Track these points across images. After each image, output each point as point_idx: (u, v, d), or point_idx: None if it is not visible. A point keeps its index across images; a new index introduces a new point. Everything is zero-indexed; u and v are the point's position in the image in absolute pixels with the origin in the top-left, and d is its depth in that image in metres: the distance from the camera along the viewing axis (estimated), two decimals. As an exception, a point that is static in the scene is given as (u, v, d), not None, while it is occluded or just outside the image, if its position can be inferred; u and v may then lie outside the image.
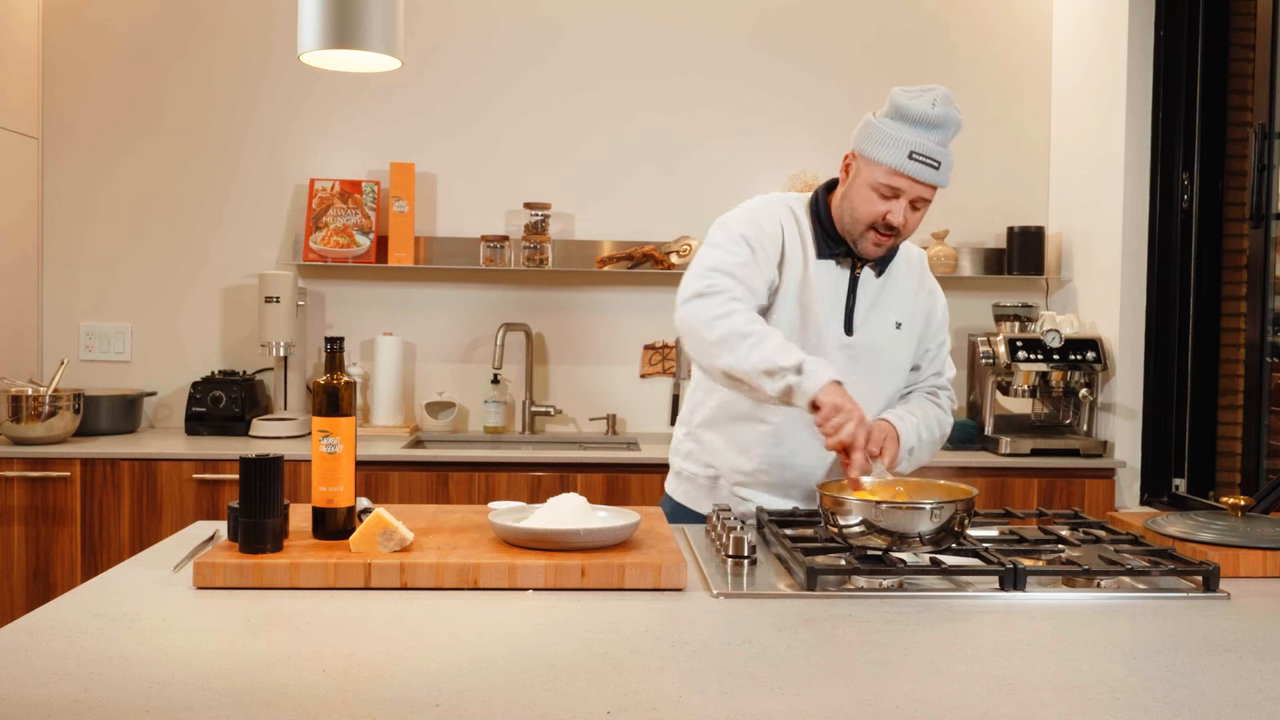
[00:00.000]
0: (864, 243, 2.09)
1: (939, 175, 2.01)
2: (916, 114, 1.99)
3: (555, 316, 3.93)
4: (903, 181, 2.01)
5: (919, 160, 1.99)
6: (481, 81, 3.89)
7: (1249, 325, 3.24)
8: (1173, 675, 1.29)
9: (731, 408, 2.18)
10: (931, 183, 2.02)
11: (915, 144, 1.99)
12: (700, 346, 2.02)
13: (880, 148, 2.01)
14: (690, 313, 2.03)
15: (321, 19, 2.17)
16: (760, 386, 1.95)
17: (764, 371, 1.93)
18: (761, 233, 2.11)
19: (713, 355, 1.99)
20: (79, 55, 3.83)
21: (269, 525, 1.64)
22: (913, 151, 1.99)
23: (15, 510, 3.27)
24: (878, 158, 2.02)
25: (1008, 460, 3.47)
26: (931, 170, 2.00)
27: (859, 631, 1.44)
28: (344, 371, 1.76)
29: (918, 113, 1.99)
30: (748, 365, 1.94)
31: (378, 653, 1.32)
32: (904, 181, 2.01)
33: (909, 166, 1.99)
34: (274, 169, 3.87)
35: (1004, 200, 3.97)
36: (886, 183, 2.02)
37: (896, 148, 1.99)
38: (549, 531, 1.68)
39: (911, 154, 1.99)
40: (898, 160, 2.00)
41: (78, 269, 3.85)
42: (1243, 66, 3.30)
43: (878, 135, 2.02)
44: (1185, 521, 1.92)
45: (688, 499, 2.28)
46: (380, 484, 3.30)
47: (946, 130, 2.01)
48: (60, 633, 1.37)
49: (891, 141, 2.00)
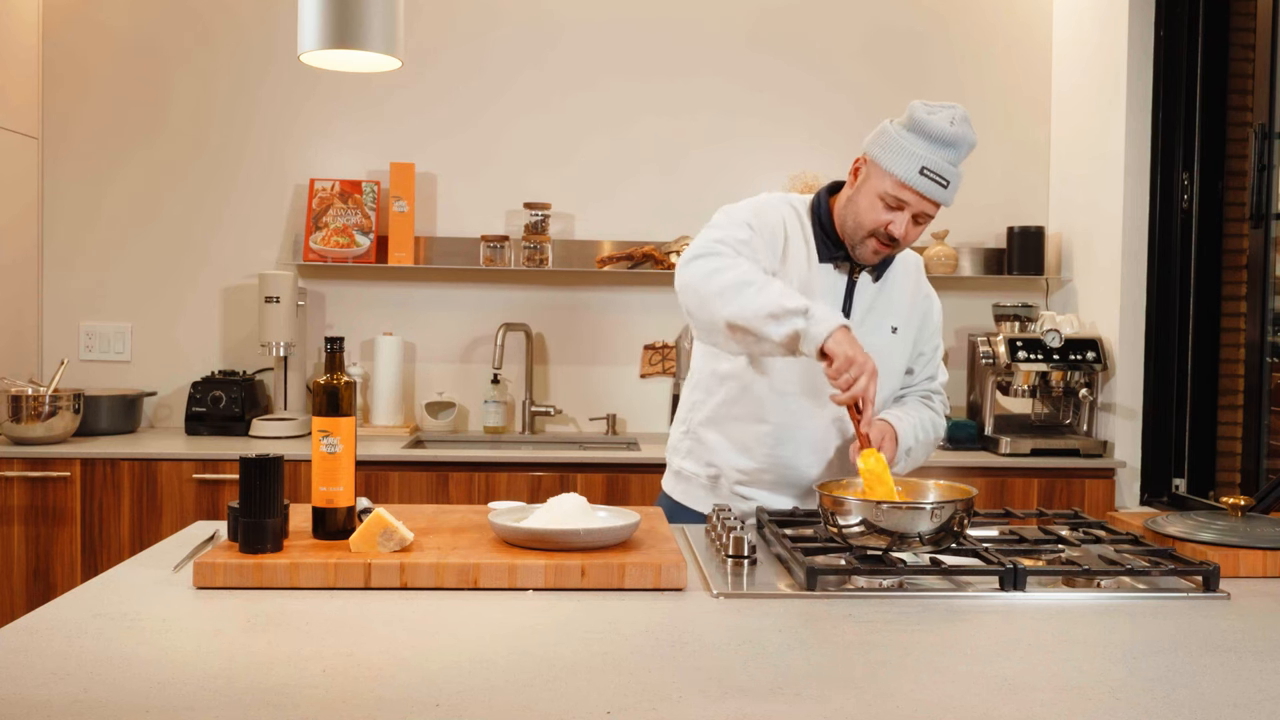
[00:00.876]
0: (863, 249, 2.10)
1: (946, 194, 2.01)
2: (934, 130, 1.98)
3: (555, 316, 3.93)
4: (910, 195, 2.01)
5: (929, 176, 1.99)
6: (481, 82, 3.89)
7: (1249, 325, 3.24)
8: (1173, 675, 1.29)
9: (732, 407, 2.18)
10: (938, 200, 2.02)
11: (928, 160, 1.98)
12: (702, 301, 1.97)
13: (893, 158, 2.01)
14: (690, 270, 2.00)
15: (321, 19, 2.17)
16: (765, 333, 1.89)
17: (769, 315, 1.88)
18: (765, 224, 2.11)
19: (714, 307, 1.95)
20: (79, 55, 3.83)
21: (269, 525, 1.64)
22: (924, 167, 1.98)
23: (15, 510, 3.27)
24: (889, 167, 2.01)
25: (1008, 460, 3.47)
26: (940, 188, 2.00)
27: (859, 631, 1.44)
28: (344, 371, 1.76)
29: (935, 129, 1.98)
30: (750, 311, 1.90)
31: (378, 653, 1.32)
32: (911, 195, 2.01)
33: (918, 182, 1.99)
34: (274, 169, 3.87)
35: (1004, 200, 3.97)
36: (894, 194, 2.01)
37: (909, 161, 1.99)
38: (549, 531, 1.68)
39: (923, 169, 1.98)
40: (908, 174, 1.99)
41: (78, 269, 3.85)
42: (1243, 66, 3.30)
43: (892, 145, 2.01)
44: (1185, 521, 1.92)
45: (687, 498, 2.27)
46: (380, 484, 3.30)
47: (960, 150, 2.00)
48: (60, 633, 1.37)
49: (905, 154, 1.99)
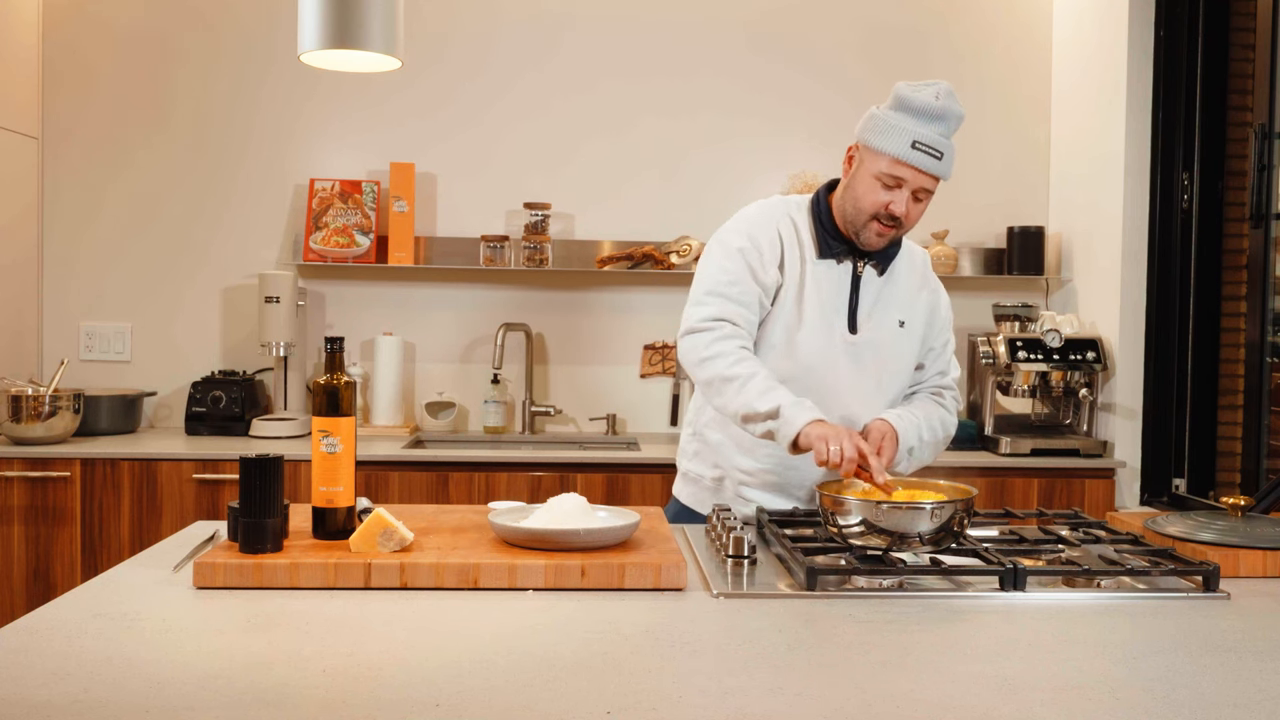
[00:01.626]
0: (867, 233, 2.10)
1: (941, 166, 2.03)
2: (920, 105, 2.01)
3: (555, 316, 3.93)
4: (906, 171, 2.03)
5: (922, 150, 2.01)
6: (482, 82, 3.89)
7: (1249, 325, 3.24)
8: (1173, 675, 1.29)
9: None
10: (934, 173, 2.03)
11: (918, 134, 2.01)
12: (696, 383, 2.16)
13: (883, 138, 2.03)
14: (685, 348, 2.15)
15: (322, 19, 2.17)
16: (744, 429, 2.07)
17: (743, 417, 2.04)
18: (755, 243, 2.14)
19: (705, 395, 2.14)
20: (79, 55, 3.83)
21: (269, 525, 1.64)
22: (916, 141, 2.01)
23: (15, 510, 3.27)
24: (881, 147, 2.03)
25: (1008, 460, 3.47)
26: (934, 160, 2.02)
27: (859, 631, 1.44)
28: (344, 371, 1.76)
29: (921, 104, 2.01)
30: (731, 410, 2.06)
31: (378, 653, 1.32)
32: (907, 171, 2.03)
33: (912, 156, 2.01)
34: (274, 169, 3.87)
35: (1004, 200, 3.97)
36: (890, 172, 2.03)
37: (900, 137, 2.01)
38: (549, 531, 1.68)
39: (915, 144, 2.01)
40: (901, 150, 2.01)
41: (78, 269, 3.85)
42: (1243, 66, 3.30)
43: (881, 126, 2.04)
44: (1185, 521, 1.92)
45: (693, 501, 2.27)
46: (380, 484, 3.30)
47: (949, 122, 2.02)
48: (60, 633, 1.37)
49: (895, 131, 2.02)
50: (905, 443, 2.09)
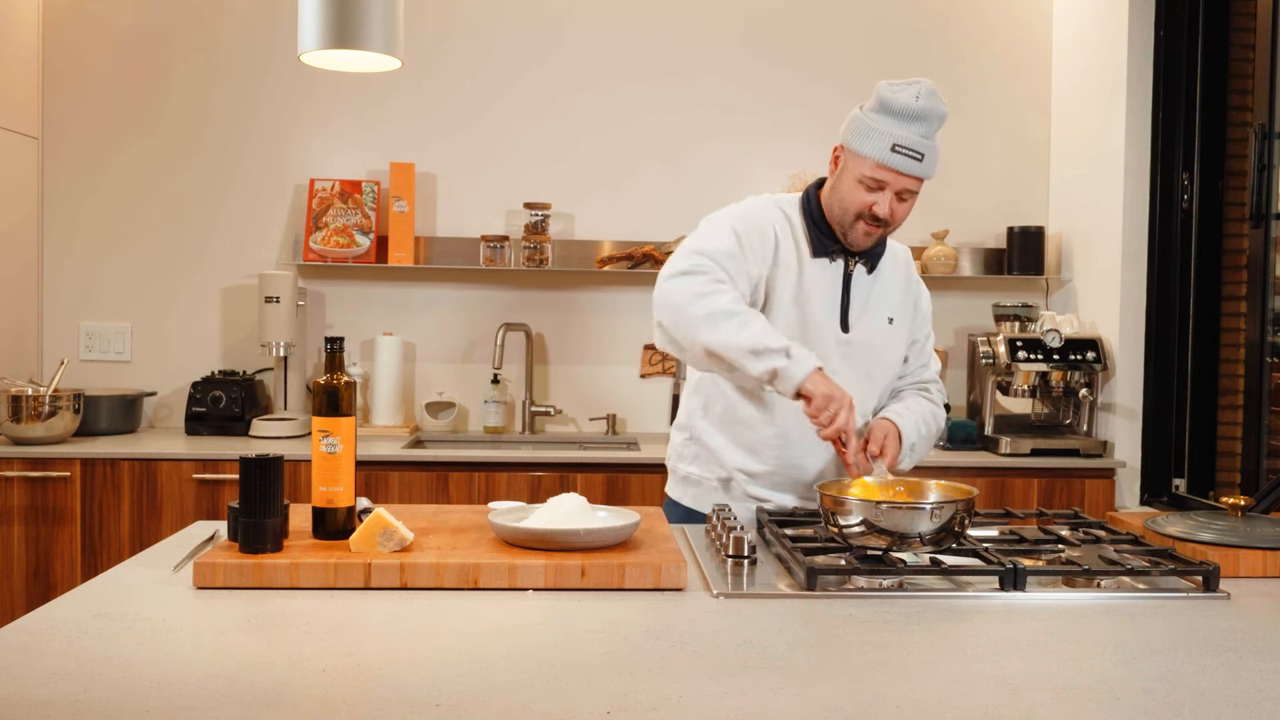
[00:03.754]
0: (854, 233, 2.11)
1: (923, 167, 2.03)
2: (899, 107, 2.01)
3: (555, 316, 3.93)
4: (887, 174, 2.03)
5: (902, 153, 2.01)
6: (481, 81, 3.89)
7: (1249, 325, 3.24)
8: (1173, 675, 1.29)
9: (737, 411, 2.18)
10: (915, 174, 2.04)
11: (898, 137, 2.01)
12: (681, 320, 2.01)
13: (864, 141, 2.03)
14: (674, 287, 2.03)
15: (321, 19, 2.17)
16: (744, 366, 1.95)
17: (750, 350, 1.94)
18: (751, 229, 2.12)
19: (695, 330, 1.98)
20: (79, 55, 3.83)
21: (269, 525, 1.64)
22: (895, 145, 2.01)
23: (15, 510, 3.27)
24: (862, 151, 2.04)
25: (1008, 460, 3.47)
26: (915, 162, 2.02)
27: (859, 631, 1.44)
28: (344, 371, 1.76)
29: (901, 105, 2.01)
30: (733, 343, 1.95)
31: (378, 653, 1.32)
32: (888, 174, 2.03)
33: (892, 159, 2.01)
34: (274, 169, 3.87)
35: (1004, 200, 3.97)
36: (871, 175, 2.04)
37: (880, 141, 2.01)
38: (549, 531, 1.68)
39: (894, 147, 2.01)
40: (880, 153, 2.02)
41: (78, 269, 3.85)
42: (1243, 66, 3.30)
43: (862, 129, 2.04)
44: (1185, 521, 1.92)
45: (698, 503, 2.26)
46: (380, 484, 3.30)
47: (930, 122, 2.02)
48: (60, 633, 1.37)
49: (875, 135, 2.02)
50: (907, 440, 2.12)
